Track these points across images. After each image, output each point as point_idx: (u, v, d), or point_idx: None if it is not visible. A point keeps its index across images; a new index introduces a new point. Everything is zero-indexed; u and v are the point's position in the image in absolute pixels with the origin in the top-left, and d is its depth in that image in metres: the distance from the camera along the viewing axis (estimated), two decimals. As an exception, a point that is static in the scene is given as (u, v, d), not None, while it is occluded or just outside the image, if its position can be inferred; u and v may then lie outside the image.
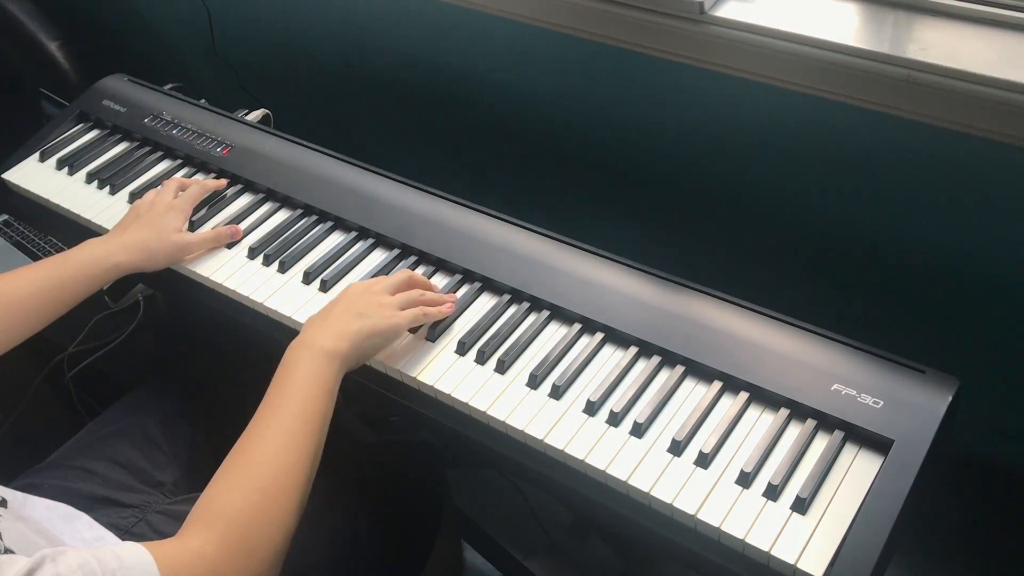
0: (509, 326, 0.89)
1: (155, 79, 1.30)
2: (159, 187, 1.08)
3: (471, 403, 0.83)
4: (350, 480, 0.97)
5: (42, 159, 1.19)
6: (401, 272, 0.92)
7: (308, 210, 1.06)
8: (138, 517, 0.89)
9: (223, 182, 1.10)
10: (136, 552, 0.61)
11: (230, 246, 1.03)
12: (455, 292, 0.94)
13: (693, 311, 0.87)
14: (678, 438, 0.77)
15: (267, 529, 0.69)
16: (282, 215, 1.07)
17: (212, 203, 1.09)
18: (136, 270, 0.98)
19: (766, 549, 0.69)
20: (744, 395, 0.80)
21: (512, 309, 0.92)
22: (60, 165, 1.18)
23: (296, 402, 0.77)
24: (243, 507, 0.69)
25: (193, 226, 1.06)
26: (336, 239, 1.03)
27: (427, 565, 1.00)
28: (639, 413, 0.80)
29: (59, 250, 1.61)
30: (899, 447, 0.73)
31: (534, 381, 0.84)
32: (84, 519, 0.83)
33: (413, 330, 0.89)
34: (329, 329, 0.82)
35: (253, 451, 0.74)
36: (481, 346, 0.88)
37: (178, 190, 1.05)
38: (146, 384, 1.08)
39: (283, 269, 0.99)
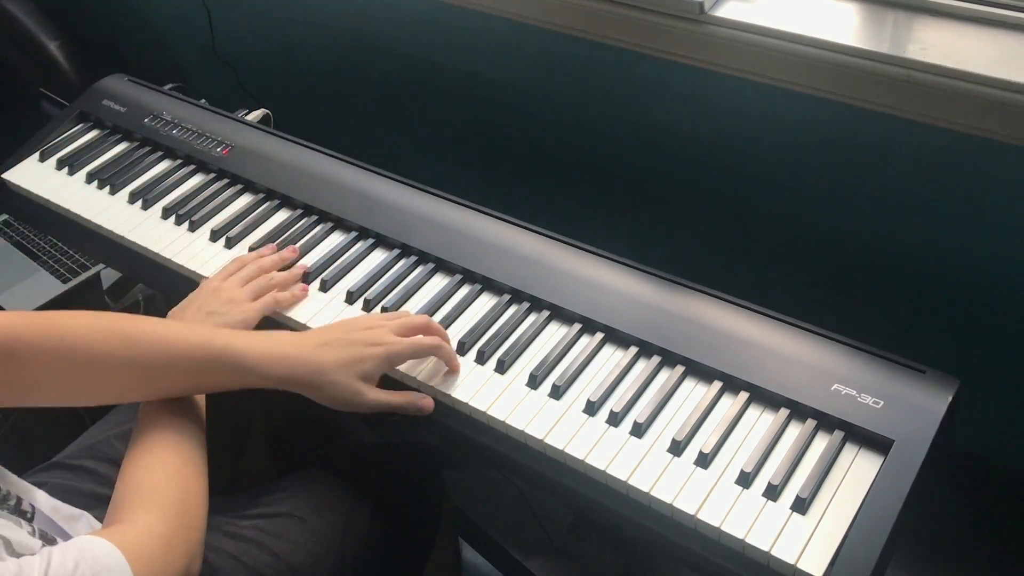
0: (509, 326, 0.89)
1: (155, 79, 1.30)
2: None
3: (471, 403, 0.83)
4: (349, 480, 0.97)
5: (42, 159, 1.19)
6: (250, 265, 0.96)
7: (308, 210, 1.06)
8: (138, 516, 0.89)
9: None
10: (104, 547, 0.64)
11: (228, 244, 1.03)
12: (455, 292, 0.94)
13: (693, 311, 0.87)
14: (678, 438, 0.77)
15: (195, 505, 0.74)
16: (282, 215, 1.07)
17: (211, 203, 1.08)
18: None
19: (766, 549, 0.69)
20: (744, 395, 0.80)
21: (512, 309, 0.92)
22: (60, 165, 1.17)
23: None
24: (171, 487, 0.74)
25: (193, 226, 1.06)
26: (336, 239, 1.03)
27: (427, 565, 1.00)
28: (639, 413, 0.80)
29: (59, 250, 1.61)
30: (899, 447, 0.73)
31: (534, 381, 0.84)
32: (86, 520, 0.83)
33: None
34: None
35: (157, 438, 0.78)
36: (481, 346, 0.88)
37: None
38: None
39: (284, 269, 0.99)
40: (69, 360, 0.78)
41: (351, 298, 0.95)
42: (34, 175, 1.17)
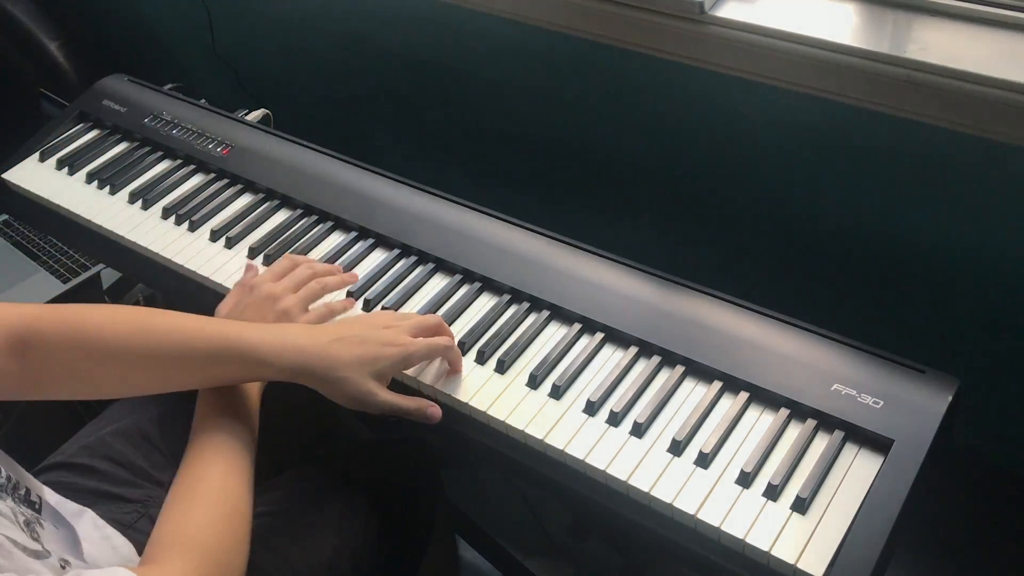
0: (509, 326, 0.89)
1: (155, 79, 1.30)
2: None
3: (471, 403, 0.83)
4: (346, 478, 0.97)
5: (42, 159, 1.19)
6: (303, 268, 0.93)
7: (308, 210, 1.06)
8: (140, 512, 0.89)
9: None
10: None
11: (228, 244, 1.03)
12: (455, 292, 0.94)
13: (693, 311, 0.87)
14: (678, 438, 0.77)
15: (236, 555, 0.72)
16: (282, 215, 1.07)
17: (211, 203, 1.08)
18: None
19: (766, 549, 0.69)
20: (744, 395, 0.80)
21: (512, 309, 0.92)
22: (60, 165, 1.17)
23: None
24: (214, 534, 0.71)
25: (193, 226, 1.06)
26: (336, 239, 1.03)
27: (423, 563, 1.00)
28: (639, 413, 0.80)
29: (59, 250, 1.61)
30: (899, 447, 0.73)
31: (534, 381, 0.84)
32: (89, 515, 0.83)
33: None
34: None
35: (207, 474, 0.76)
36: (481, 346, 0.88)
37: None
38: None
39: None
40: (85, 352, 0.77)
41: (351, 298, 0.95)
42: (34, 175, 1.17)
